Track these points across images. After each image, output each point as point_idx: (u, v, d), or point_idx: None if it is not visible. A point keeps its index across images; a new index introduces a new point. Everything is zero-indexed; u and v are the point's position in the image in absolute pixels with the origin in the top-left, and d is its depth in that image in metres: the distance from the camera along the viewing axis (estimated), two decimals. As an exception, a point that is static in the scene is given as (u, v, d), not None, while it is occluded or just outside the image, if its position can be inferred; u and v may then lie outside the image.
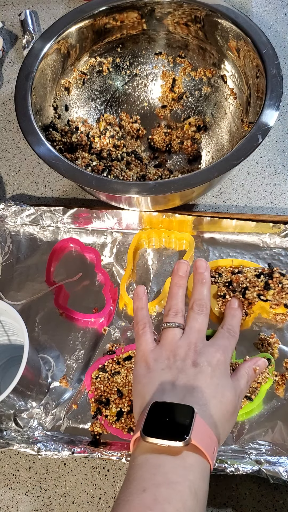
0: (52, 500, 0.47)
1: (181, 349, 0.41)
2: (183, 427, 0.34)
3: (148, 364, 0.42)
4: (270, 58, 0.53)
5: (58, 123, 0.60)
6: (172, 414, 0.35)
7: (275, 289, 0.48)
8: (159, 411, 0.36)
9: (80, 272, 0.56)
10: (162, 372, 0.40)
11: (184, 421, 0.34)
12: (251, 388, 0.47)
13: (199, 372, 0.39)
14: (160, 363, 0.41)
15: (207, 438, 0.35)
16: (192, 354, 0.41)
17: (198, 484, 0.33)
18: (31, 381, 0.44)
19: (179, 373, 0.40)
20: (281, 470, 0.42)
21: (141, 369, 0.42)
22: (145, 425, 0.35)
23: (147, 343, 0.43)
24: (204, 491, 0.34)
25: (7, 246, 0.58)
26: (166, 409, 0.36)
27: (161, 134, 0.65)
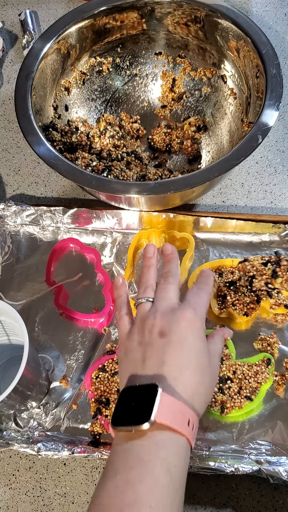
0: (52, 500, 0.47)
1: (148, 319, 0.40)
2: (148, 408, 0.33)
3: (125, 346, 0.40)
4: (270, 58, 0.53)
5: (58, 123, 0.60)
6: (138, 397, 0.35)
7: (283, 277, 0.47)
8: (127, 398, 0.35)
9: (80, 272, 0.56)
10: (134, 351, 0.39)
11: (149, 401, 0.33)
12: (251, 388, 0.47)
13: (167, 343, 0.37)
14: (133, 340, 0.40)
15: (176, 413, 0.34)
16: (158, 322, 0.39)
17: (171, 460, 0.33)
18: (31, 381, 0.44)
19: (147, 347, 0.38)
20: (281, 470, 0.42)
21: (121, 353, 0.41)
22: (113, 415, 0.35)
23: (125, 325, 0.42)
24: (181, 467, 0.33)
25: (7, 246, 0.58)
26: (133, 393, 0.35)
27: (161, 134, 0.65)
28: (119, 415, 0.35)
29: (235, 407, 0.47)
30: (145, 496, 0.31)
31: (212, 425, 0.47)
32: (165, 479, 0.32)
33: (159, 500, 0.31)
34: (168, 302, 0.41)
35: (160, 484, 0.31)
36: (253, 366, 0.48)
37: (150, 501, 0.31)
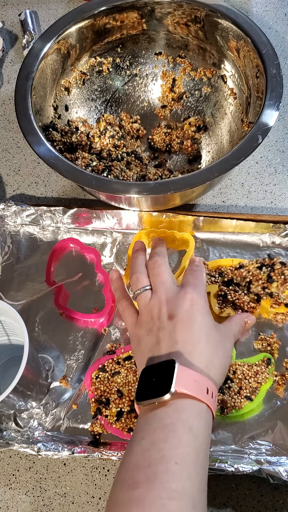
0: (52, 500, 0.47)
1: (154, 308, 0.42)
2: (167, 380, 0.36)
3: (137, 336, 0.43)
4: (270, 58, 0.53)
5: (58, 123, 0.60)
6: (157, 373, 0.37)
7: (278, 281, 0.48)
8: (148, 375, 0.38)
9: (80, 272, 0.56)
10: (147, 338, 0.41)
11: (168, 375, 0.36)
12: (251, 388, 0.47)
13: (177, 323, 0.40)
14: (143, 329, 0.42)
15: (193, 381, 0.37)
16: (165, 307, 0.42)
17: (193, 422, 0.35)
18: (31, 381, 0.44)
19: (159, 331, 0.41)
20: (281, 470, 0.42)
21: (134, 344, 0.43)
22: (137, 392, 0.38)
23: (130, 316, 0.45)
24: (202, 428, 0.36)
25: (7, 246, 0.58)
26: (152, 371, 0.38)
27: (161, 134, 0.65)
28: (142, 391, 0.38)
29: (235, 407, 0.47)
30: (170, 453, 0.33)
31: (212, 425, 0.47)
32: (188, 438, 0.34)
33: (183, 456, 0.33)
34: (167, 286, 0.43)
35: (184, 443, 0.34)
36: (253, 366, 0.48)
37: (175, 457, 0.33)
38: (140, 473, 0.32)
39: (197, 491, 0.32)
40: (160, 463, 0.32)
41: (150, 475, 0.32)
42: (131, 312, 0.45)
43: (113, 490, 0.33)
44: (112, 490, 0.34)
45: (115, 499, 0.32)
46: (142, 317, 0.43)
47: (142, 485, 0.31)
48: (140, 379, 0.38)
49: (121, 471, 0.34)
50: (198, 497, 0.32)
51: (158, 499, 0.30)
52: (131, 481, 0.32)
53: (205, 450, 0.35)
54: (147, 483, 0.31)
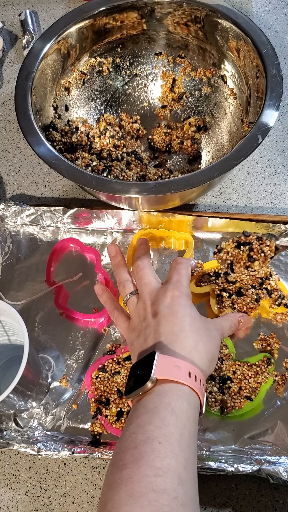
0: (52, 500, 0.47)
1: (140, 311, 0.44)
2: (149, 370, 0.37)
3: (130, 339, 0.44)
4: (270, 58, 0.53)
5: (58, 123, 0.60)
6: (141, 367, 0.39)
7: (259, 259, 0.49)
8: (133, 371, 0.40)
9: (80, 272, 0.56)
10: (137, 340, 0.43)
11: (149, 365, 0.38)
12: (251, 388, 0.47)
13: (161, 318, 0.42)
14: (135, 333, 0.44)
15: (173, 367, 0.38)
16: (149, 308, 0.44)
17: (175, 403, 0.36)
18: (31, 381, 0.44)
19: (145, 330, 0.42)
20: (281, 470, 0.42)
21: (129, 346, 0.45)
22: (125, 388, 0.40)
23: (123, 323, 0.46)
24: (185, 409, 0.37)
25: (7, 246, 0.58)
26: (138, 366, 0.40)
27: (161, 134, 0.65)
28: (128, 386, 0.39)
29: (235, 407, 0.47)
30: (154, 434, 0.34)
31: (212, 425, 0.47)
32: (170, 419, 0.35)
33: (167, 435, 0.34)
34: (150, 288, 0.45)
35: (166, 423, 0.35)
36: (253, 366, 0.48)
37: (159, 437, 0.34)
38: (127, 455, 0.34)
39: (183, 468, 0.33)
40: (145, 444, 0.34)
41: (137, 455, 0.33)
42: (123, 319, 0.47)
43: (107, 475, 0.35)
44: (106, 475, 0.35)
45: (107, 482, 0.34)
46: (133, 321, 0.45)
47: (130, 466, 0.33)
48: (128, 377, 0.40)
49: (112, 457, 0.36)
50: (184, 474, 0.33)
51: (145, 477, 0.32)
52: (120, 463, 0.33)
53: (190, 429, 0.36)
54: (134, 463, 0.33)
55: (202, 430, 0.47)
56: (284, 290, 0.52)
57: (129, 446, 0.34)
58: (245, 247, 0.49)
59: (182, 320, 0.41)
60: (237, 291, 0.52)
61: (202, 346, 0.40)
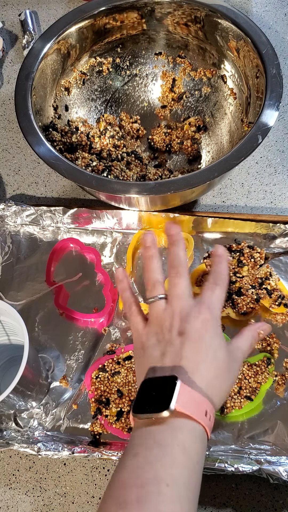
0: (52, 500, 0.47)
1: (166, 321, 0.41)
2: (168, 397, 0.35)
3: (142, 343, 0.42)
4: (270, 58, 0.53)
5: (58, 123, 0.60)
6: (158, 387, 0.37)
7: (248, 264, 0.48)
8: (148, 388, 0.37)
9: (80, 272, 0.56)
10: (153, 349, 0.41)
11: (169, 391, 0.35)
12: (251, 388, 0.47)
13: (186, 340, 0.39)
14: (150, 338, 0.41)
15: (193, 402, 0.36)
16: (177, 322, 0.41)
17: (189, 443, 0.35)
18: (31, 381, 0.44)
19: (166, 345, 0.40)
20: (281, 470, 0.42)
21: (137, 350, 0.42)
22: (134, 404, 0.37)
23: (138, 322, 0.43)
24: (196, 449, 0.35)
25: (7, 246, 0.58)
26: (153, 384, 0.37)
27: (161, 134, 0.65)
28: (140, 404, 0.37)
29: (235, 407, 0.47)
30: (162, 473, 0.33)
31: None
32: (181, 459, 0.34)
33: (175, 477, 0.33)
34: (183, 300, 0.42)
35: (177, 463, 0.34)
36: (253, 366, 0.48)
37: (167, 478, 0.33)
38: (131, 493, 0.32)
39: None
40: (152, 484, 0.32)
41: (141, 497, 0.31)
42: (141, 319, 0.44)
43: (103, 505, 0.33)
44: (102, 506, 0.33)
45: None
46: (152, 326, 0.42)
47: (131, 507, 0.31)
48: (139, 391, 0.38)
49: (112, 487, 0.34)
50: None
51: None
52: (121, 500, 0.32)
53: (198, 471, 0.35)
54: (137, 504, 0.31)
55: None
56: (284, 290, 0.52)
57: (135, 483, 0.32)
58: (236, 254, 0.49)
59: (207, 351, 0.39)
60: (237, 291, 0.52)
61: (218, 383, 0.39)
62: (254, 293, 0.51)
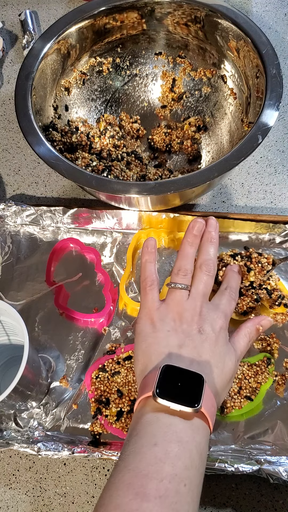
0: (52, 500, 0.47)
1: (187, 312, 0.41)
2: (195, 394, 0.35)
3: (154, 323, 0.41)
4: (270, 58, 0.53)
5: (58, 123, 0.60)
6: (183, 379, 0.36)
7: (255, 269, 0.48)
8: (171, 375, 0.37)
9: (80, 272, 0.56)
10: (168, 334, 0.40)
11: (195, 388, 0.36)
12: (251, 388, 0.47)
13: (205, 340, 0.40)
14: (166, 324, 0.41)
15: (211, 406, 0.37)
16: (197, 319, 0.41)
17: (203, 446, 0.35)
18: (31, 381, 0.44)
19: (185, 338, 0.40)
20: (281, 470, 0.42)
21: (146, 327, 0.41)
22: (158, 386, 0.36)
23: (154, 300, 0.43)
24: (206, 452, 0.36)
25: (7, 246, 0.58)
26: (177, 373, 0.37)
27: (161, 134, 0.65)
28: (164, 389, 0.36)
29: (235, 407, 0.47)
30: (182, 473, 0.33)
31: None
32: (198, 462, 0.34)
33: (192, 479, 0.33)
34: (205, 299, 0.43)
35: (194, 465, 0.34)
36: (253, 366, 0.48)
37: (186, 478, 0.33)
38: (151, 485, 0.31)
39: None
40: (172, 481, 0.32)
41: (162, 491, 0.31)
42: (156, 297, 0.43)
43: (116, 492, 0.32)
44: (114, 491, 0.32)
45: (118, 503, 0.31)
46: (169, 309, 0.42)
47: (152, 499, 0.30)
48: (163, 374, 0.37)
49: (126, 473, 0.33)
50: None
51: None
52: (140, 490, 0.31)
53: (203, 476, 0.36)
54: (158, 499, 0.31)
55: (202, 430, 0.47)
56: (284, 290, 0.52)
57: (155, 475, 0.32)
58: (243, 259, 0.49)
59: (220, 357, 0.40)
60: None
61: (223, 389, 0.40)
62: (254, 293, 0.51)
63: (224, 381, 0.40)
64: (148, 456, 0.33)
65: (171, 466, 0.32)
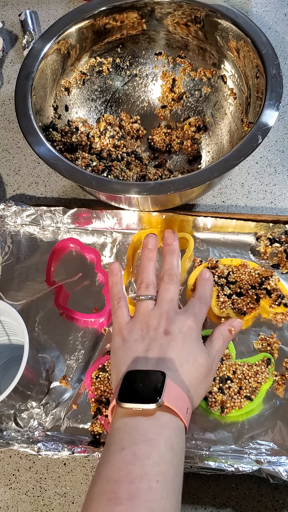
0: (52, 500, 0.47)
1: (153, 319, 0.43)
2: (156, 390, 0.36)
3: (123, 337, 0.43)
4: (270, 58, 0.53)
5: (58, 123, 0.60)
6: (145, 380, 0.38)
7: None
8: (133, 379, 0.38)
9: (80, 272, 0.56)
10: (136, 343, 0.42)
11: (157, 385, 0.37)
12: (251, 388, 0.47)
13: (171, 340, 0.41)
14: (134, 334, 0.43)
15: (179, 399, 0.37)
16: (164, 323, 0.43)
17: (174, 439, 0.36)
18: (31, 381, 0.44)
19: (151, 342, 0.41)
20: (281, 470, 0.42)
21: (117, 342, 0.44)
22: (120, 392, 0.37)
23: (123, 316, 0.46)
24: (181, 446, 0.36)
25: (7, 246, 0.58)
26: (139, 376, 0.38)
27: (161, 134, 0.65)
28: (126, 393, 0.37)
29: (235, 407, 0.47)
30: (152, 470, 0.33)
31: (212, 425, 0.47)
32: (169, 456, 0.35)
33: (164, 474, 0.33)
34: (172, 305, 0.45)
35: (165, 460, 0.34)
36: (253, 366, 0.48)
37: (157, 475, 0.33)
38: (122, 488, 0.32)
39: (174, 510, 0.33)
40: (142, 480, 0.32)
41: (133, 493, 0.31)
42: (126, 313, 0.46)
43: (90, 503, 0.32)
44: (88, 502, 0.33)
45: None
46: (137, 322, 0.44)
47: (124, 502, 0.31)
48: (124, 381, 0.38)
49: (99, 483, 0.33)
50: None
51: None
52: (112, 496, 0.32)
53: (181, 467, 0.36)
54: (130, 501, 0.31)
55: (202, 430, 0.47)
56: (284, 290, 0.52)
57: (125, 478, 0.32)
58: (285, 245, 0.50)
59: (189, 353, 0.41)
60: (237, 291, 0.52)
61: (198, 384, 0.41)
62: (254, 293, 0.51)
63: (196, 375, 0.40)
64: (117, 462, 0.34)
65: (140, 466, 0.33)
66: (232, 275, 0.53)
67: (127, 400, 0.37)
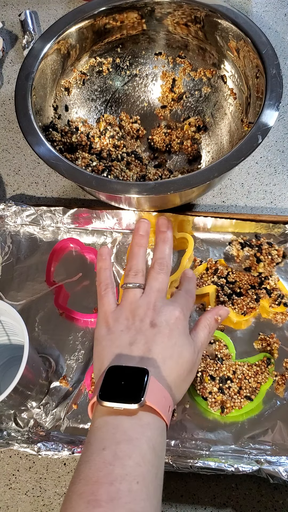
0: (52, 500, 0.47)
1: (140, 308, 0.42)
2: (138, 389, 0.35)
3: (108, 325, 0.42)
4: (270, 58, 0.53)
5: (58, 123, 0.60)
6: (127, 377, 0.37)
7: (265, 261, 0.48)
8: (115, 375, 0.37)
9: (80, 272, 0.56)
10: (121, 334, 0.41)
11: (139, 383, 0.36)
12: (251, 388, 0.47)
13: (157, 333, 0.40)
14: (119, 323, 0.41)
15: (161, 398, 0.36)
16: (151, 313, 0.41)
17: (156, 440, 0.35)
18: (31, 381, 0.44)
19: (137, 334, 0.40)
20: (281, 470, 0.42)
21: (102, 330, 0.42)
22: (101, 390, 0.36)
23: (109, 303, 0.44)
24: (162, 447, 0.36)
25: (7, 246, 0.58)
26: (121, 372, 0.37)
27: (161, 134, 0.65)
28: (107, 391, 0.36)
29: (235, 407, 0.47)
30: (133, 471, 0.32)
31: (212, 425, 0.47)
32: (151, 457, 0.34)
33: (145, 475, 0.33)
34: (160, 295, 0.43)
35: (146, 461, 0.33)
36: (253, 366, 0.48)
37: (138, 476, 0.32)
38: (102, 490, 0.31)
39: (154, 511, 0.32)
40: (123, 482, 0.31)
41: (113, 495, 0.31)
42: (112, 300, 0.44)
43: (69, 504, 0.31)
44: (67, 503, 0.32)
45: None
46: (123, 310, 0.42)
47: (104, 504, 0.30)
48: (106, 377, 0.37)
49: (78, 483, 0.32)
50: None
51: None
52: (91, 498, 0.31)
53: (162, 467, 0.35)
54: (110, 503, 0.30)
55: (202, 430, 0.47)
56: (284, 289, 0.52)
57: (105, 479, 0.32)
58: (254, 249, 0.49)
59: (173, 348, 0.40)
60: (237, 291, 0.52)
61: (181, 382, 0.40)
62: (253, 293, 0.51)
63: (180, 372, 0.39)
64: (97, 462, 0.33)
65: (121, 467, 0.32)
66: (232, 275, 0.53)
67: (109, 398, 0.36)
